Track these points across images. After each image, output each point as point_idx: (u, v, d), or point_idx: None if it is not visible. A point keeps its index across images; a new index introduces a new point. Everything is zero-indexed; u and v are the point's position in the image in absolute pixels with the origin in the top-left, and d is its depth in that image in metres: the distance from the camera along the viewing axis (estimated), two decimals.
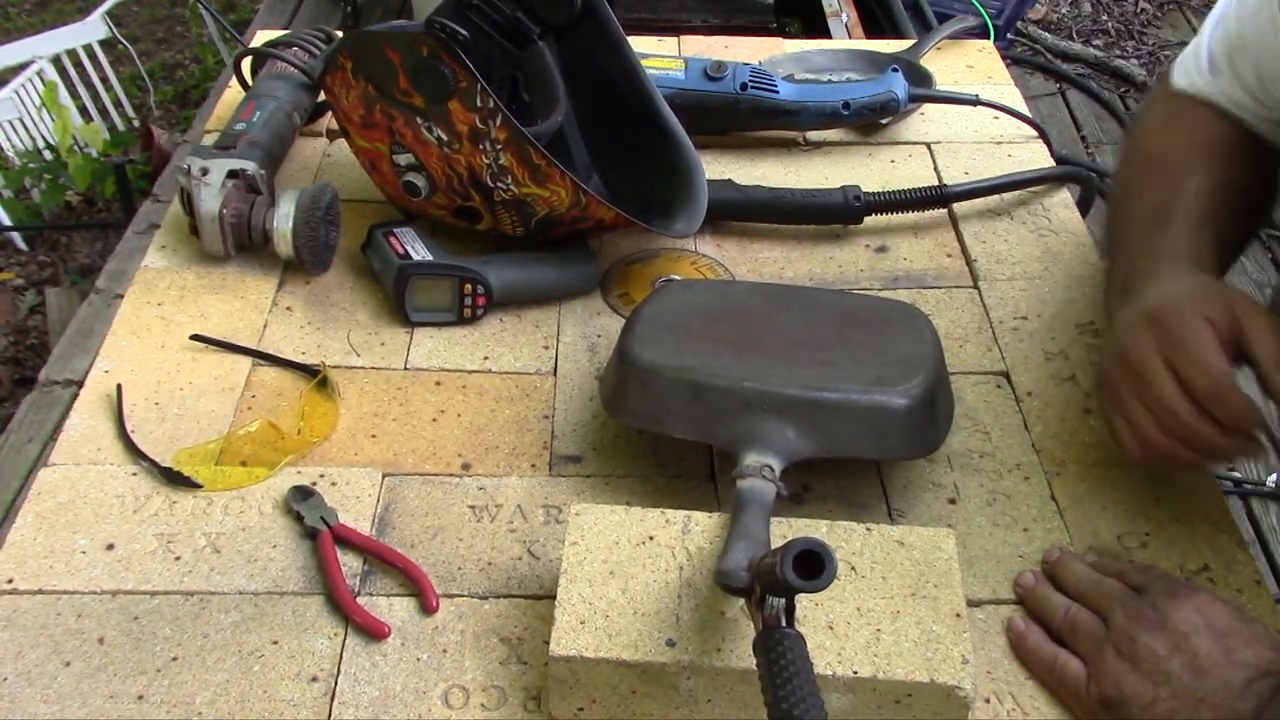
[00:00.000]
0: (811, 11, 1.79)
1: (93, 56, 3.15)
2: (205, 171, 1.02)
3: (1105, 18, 3.79)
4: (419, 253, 1.01)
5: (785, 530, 0.73)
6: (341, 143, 1.19)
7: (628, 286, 1.06)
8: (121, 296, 1.03)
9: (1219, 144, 0.93)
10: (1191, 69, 0.96)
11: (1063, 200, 1.17)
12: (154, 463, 0.86)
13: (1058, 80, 3.35)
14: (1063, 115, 3.09)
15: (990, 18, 1.61)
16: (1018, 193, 1.16)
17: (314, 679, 0.73)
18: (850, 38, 1.65)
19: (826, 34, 1.69)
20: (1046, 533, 0.83)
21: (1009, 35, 3.20)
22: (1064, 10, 3.83)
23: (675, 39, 1.46)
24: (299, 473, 0.86)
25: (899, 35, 1.70)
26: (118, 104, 3.29)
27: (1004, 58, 1.44)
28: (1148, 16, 3.82)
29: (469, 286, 0.99)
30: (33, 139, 2.97)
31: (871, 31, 1.74)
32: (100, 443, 0.88)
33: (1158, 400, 0.75)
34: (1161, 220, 0.88)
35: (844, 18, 1.71)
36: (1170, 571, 0.80)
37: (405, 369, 0.96)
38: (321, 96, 1.18)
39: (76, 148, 2.94)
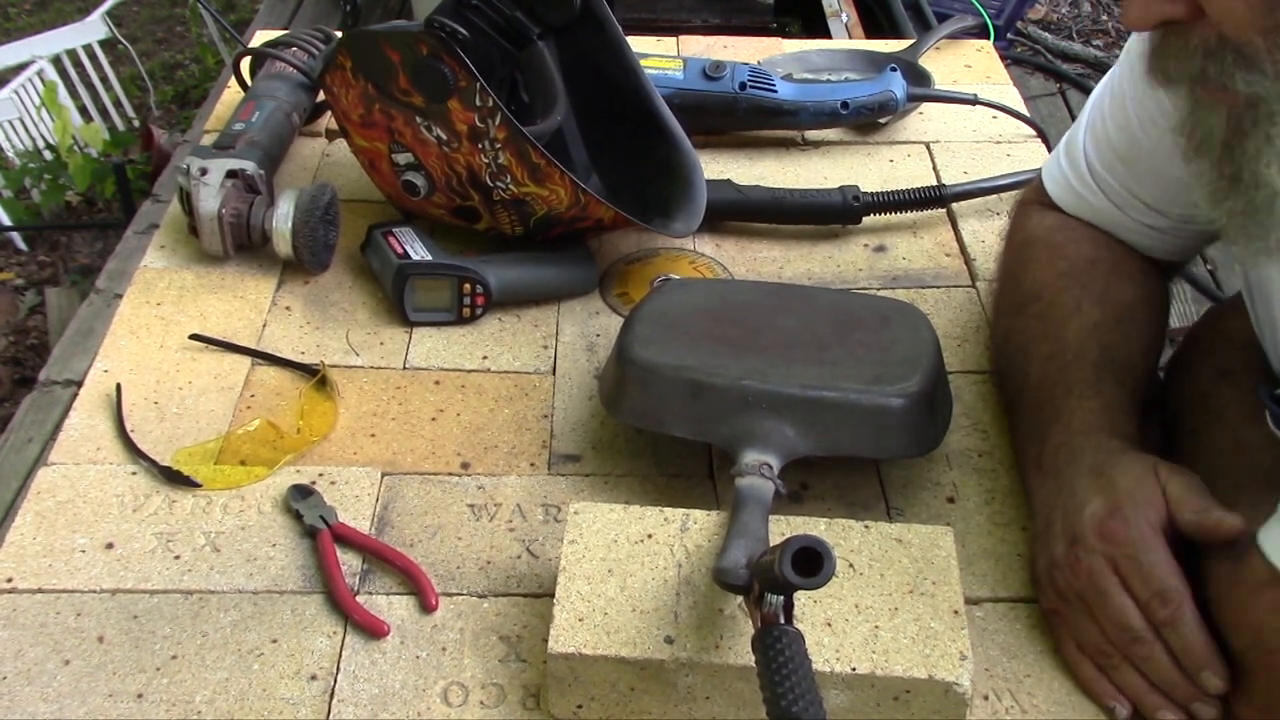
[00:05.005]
0: (811, 11, 1.79)
1: (93, 56, 3.15)
2: (204, 171, 1.02)
3: (1105, 18, 3.79)
4: (418, 252, 1.01)
5: (784, 528, 0.73)
6: (340, 143, 1.19)
7: (627, 286, 1.06)
8: (122, 296, 1.03)
9: (1103, 269, 0.88)
10: (1072, 179, 0.91)
11: None
12: (153, 462, 0.86)
13: (1058, 80, 3.35)
14: (1063, 115, 3.08)
15: (990, 18, 1.61)
16: (1016, 192, 1.16)
17: (313, 677, 0.73)
18: (850, 38, 1.65)
19: (826, 34, 1.69)
20: None
21: (1009, 35, 3.20)
22: (1064, 10, 3.83)
23: (674, 39, 1.46)
24: (298, 472, 0.86)
25: (899, 35, 1.71)
26: (118, 104, 3.29)
27: (1004, 58, 1.44)
28: None
29: (468, 286, 0.99)
30: (33, 139, 2.97)
31: (871, 31, 1.74)
32: (100, 442, 0.88)
33: (1114, 617, 0.70)
34: (1059, 380, 0.83)
35: (844, 18, 1.72)
36: None
37: (404, 368, 0.96)
38: (321, 96, 1.18)
39: (76, 148, 2.94)
